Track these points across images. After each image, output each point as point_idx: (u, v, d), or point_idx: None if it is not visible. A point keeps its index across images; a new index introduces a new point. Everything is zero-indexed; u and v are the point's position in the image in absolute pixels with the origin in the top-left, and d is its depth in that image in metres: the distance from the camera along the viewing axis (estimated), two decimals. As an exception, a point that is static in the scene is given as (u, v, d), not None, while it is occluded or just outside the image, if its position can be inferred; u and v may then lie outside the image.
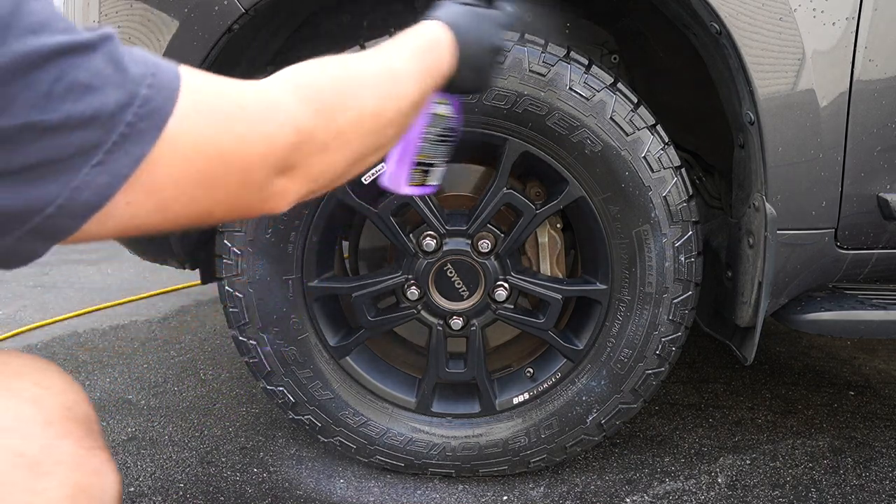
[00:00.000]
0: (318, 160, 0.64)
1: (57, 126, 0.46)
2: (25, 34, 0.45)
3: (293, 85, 0.64)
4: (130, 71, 0.50)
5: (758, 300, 1.28)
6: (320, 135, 0.63)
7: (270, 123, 0.59)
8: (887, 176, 1.24)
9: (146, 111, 0.50)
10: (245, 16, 1.18)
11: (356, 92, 0.69)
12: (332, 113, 0.65)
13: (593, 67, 1.25)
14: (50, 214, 0.48)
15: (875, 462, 1.56)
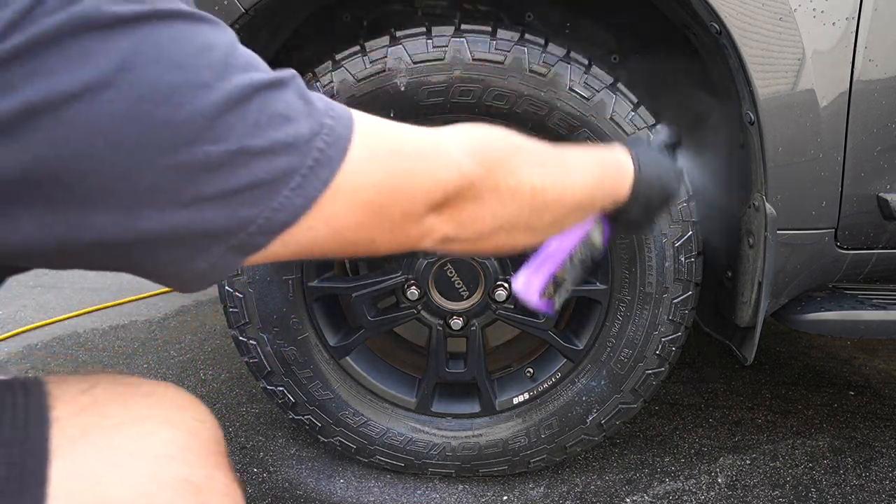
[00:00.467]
0: (471, 207, 0.67)
1: (264, 151, 0.51)
2: (239, 71, 0.50)
3: (465, 135, 0.68)
4: (315, 104, 0.56)
5: (758, 300, 1.28)
6: (479, 185, 0.66)
7: (438, 162, 0.63)
8: (887, 176, 1.24)
9: (332, 139, 0.55)
10: (245, 16, 1.18)
11: (524, 161, 0.71)
12: (496, 169, 0.68)
13: (593, 67, 1.25)
14: (252, 232, 0.53)
15: (875, 462, 1.56)
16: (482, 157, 0.66)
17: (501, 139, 0.71)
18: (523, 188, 0.70)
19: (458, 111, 1.24)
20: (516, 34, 1.24)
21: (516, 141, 0.72)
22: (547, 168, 0.73)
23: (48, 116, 0.44)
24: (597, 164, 0.82)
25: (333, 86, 1.24)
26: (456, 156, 0.65)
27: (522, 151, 0.71)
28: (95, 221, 0.48)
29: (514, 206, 0.70)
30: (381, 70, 1.22)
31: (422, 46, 1.22)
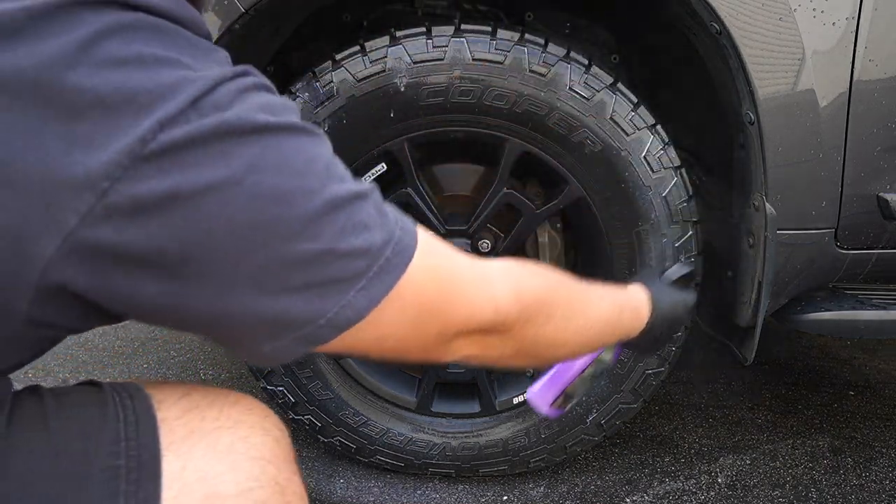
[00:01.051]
0: (497, 339, 0.72)
1: (344, 254, 0.57)
2: (337, 181, 0.57)
3: (510, 273, 0.73)
4: (389, 217, 0.62)
5: (758, 300, 1.28)
6: (510, 324, 0.71)
7: (482, 295, 0.68)
8: (887, 176, 1.24)
9: (399, 249, 0.60)
10: (245, 16, 1.18)
11: (554, 312, 0.77)
12: (528, 314, 0.73)
13: (593, 67, 1.25)
14: (321, 325, 0.58)
15: (875, 462, 1.56)
16: (520, 299, 0.72)
17: (541, 284, 0.77)
18: (547, 335, 0.76)
19: (457, 111, 1.24)
20: (516, 34, 1.24)
21: (553, 286, 0.79)
22: (572, 321, 0.80)
23: (187, 203, 0.50)
24: (617, 311, 0.90)
25: (333, 86, 1.24)
26: (499, 291, 0.70)
27: (558, 301, 0.78)
28: (191, 294, 0.54)
29: (532, 344, 0.76)
30: (381, 70, 1.22)
31: (422, 46, 1.22)
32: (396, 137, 1.26)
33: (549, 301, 0.77)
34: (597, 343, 0.88)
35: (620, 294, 0.94)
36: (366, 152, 1.27)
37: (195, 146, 0.51)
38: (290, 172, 0.55)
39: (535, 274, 0.78)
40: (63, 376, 1.97)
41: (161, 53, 0.52)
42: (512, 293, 0.71)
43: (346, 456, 1.50)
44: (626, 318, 0.92)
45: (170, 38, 0.55)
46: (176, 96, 0.51)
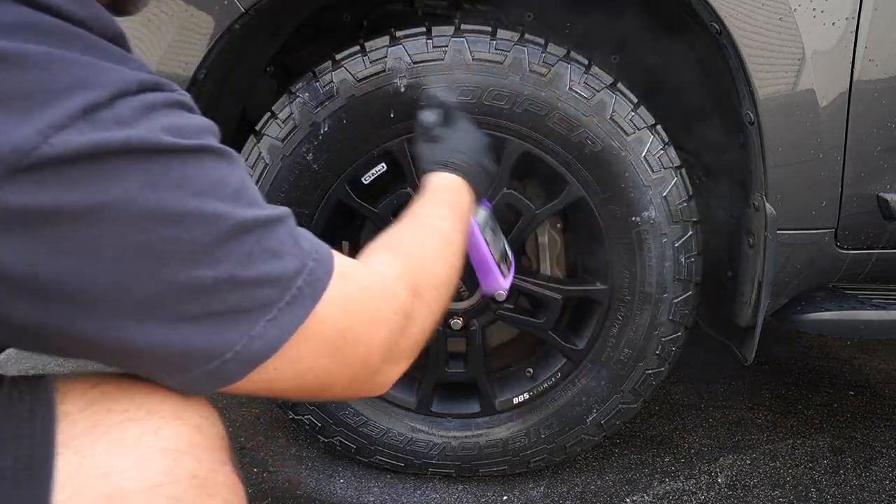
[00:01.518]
0: (412, 336, 0.70)
1: (250, 282, 0.54)
2: (245, 206, 0.55)
3: (395, 270, 0.71)
4: (303, 244, 0.59)
5: (758, 300, 1.28)
6: (415, 314, 0.70)
7: (388, 309, 0.66)
8: (887, 176, 1.24)
9: (311, 279, 0.58)
10: (245, 16, 1.18)
11: (433, 269, 0.76)
12: (423, 293, 0.72)
13: (593, 67, 1.25)
14: (227, 359, 0.55)
15: (875, 462, 1.56)
16: (414, 287, 0.70)
17: (409, 256, 0.75)
18: (440, 289, 0.76)
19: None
20: (516, 34, 1.24)
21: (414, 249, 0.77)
22: (445, 259, 0.79)
23: (69, 222, 0.47)
24: (454, 212, 0.90)
25: (333, 86, 1.24)
26: (398, 294, 0.68)
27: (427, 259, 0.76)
28: (78, 321, 0.50)
29: (439, 305, 0.76)
30: (381, 70, 1.22)
31: (422, 46, 1.22)
32: (396, 137, 1.26)
33: (425, 265, 0.75)
34: (464, 244, 0.89)
35: (440, 196, 0.93)
36: (366, 152, 1.27)
37: (84, 162, 0.47)
38: (190, 193, 0.51)
39: (401, 247, 0.76)
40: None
41: (56, 53, 0.48)
42: (406, 288, 0.69)
43: (346, 456, 1.50)
44: (460, 209, 0.92)
45: (69, 39, 0.50)
46: (66, 101, 0.47)
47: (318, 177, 1.28)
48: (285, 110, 1.26)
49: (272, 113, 1.27)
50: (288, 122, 1.26)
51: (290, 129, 1.26)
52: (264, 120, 1.28)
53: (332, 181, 1.28)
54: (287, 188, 1.28)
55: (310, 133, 1.25)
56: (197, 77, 1.21)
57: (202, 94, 1.27)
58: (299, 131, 1.26)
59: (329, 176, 1.28)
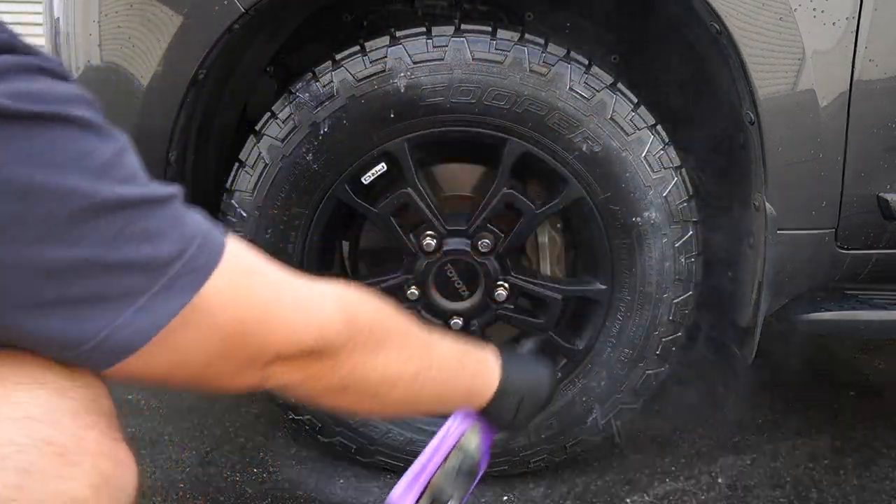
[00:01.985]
0: (320, 369, 0.65)
1: (115, 265, 0.50)
2: (114, 182, 0.50)
3: (341, 296, 0.66)
4: (186, 229, 0.55)
5: (758, 300, 1.28)
6: (338, 348, 0.65)
7: (303, 317, 0.62)
8: (887, 176, 1.24)
9: (194, 265, 0.54)
10: (245, 16, 1.18)
11: (389, 340, 0.71)
12: (360, 338, 0.66)
13: (593, 67, 1.25)
14: (92, 347, 0.51)
15: (875, 462, 1.56)
16: (350, 320, 0.65)
17: (376, 311, 0.70)
18: (378, 367, 0.69)
19: (457, 111, 1.24)
20: (516, 34, 1.24)
21: (390, 318, 0.72)
22: (407, 357, 0.73)
23: None
24: (458, 358, 0.82)
25: (333, 86, 1.24)
26: (326, 312, 0.63)
27: (391, 331, 0.71)
28: None
29: (365, 379, 0.69)
30: (381, 70, 1.22)
31: (422, 46, 1.22)
32: (396, 137, 1.26)
33: (381, 327, 0.70)
34: (438, 393, 0.80)
35: (465, 345, 0.86)
36: (366, 152, 1.27)
37: None
38: (38, 165, 0.46)
39: (372, 300, 0.71)
40: (63, 376, 1.97)
41: None
42: (341, 314, 0.65)
43: (346, 456, 1.50)
44: (469, 371, 0.84)
45: None
46: None
47: (318, 177, 1.28)
48: (285, 110, 1.26)
49: (272, 113, 1.27)
50: (288, 122, 1.26)
51: (290, 129, 1.26)
52: (264, 120, 1.28)
53: (332, 181, 1.28)
54: (287, 188, 1.28)
55: (310, 133, 1.25)
56: (197, 77, 1.21)
57: (202, 94, 1.27)
58: (299, 131, 1.26)
59: (329, 176, 1.28)
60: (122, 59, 1.23)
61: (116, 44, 1.23)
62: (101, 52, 1.25)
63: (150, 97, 1.23)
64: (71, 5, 1.28)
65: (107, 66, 1.25)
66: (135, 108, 1.24)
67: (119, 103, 1.25)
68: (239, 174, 1.30)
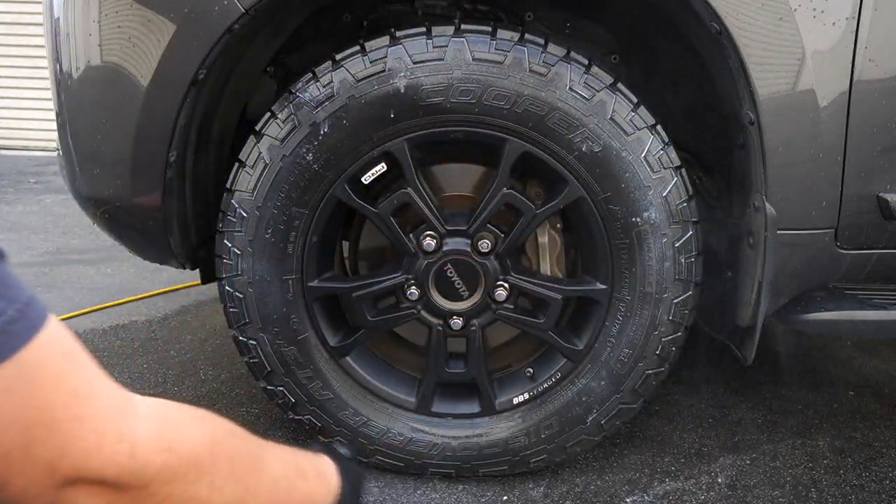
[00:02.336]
0: (125, 497, 0.58)
1: None
2: None
3: (160, 416, 0.60)
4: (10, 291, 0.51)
5: (758, 300, 1.28)
6: (149, 479, 0.58)
7: (112, 431, 0.55)
8: (887, 176, 1.24)
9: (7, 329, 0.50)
10: (245, 16, 1.18)
11: (212, 468, 0.65)
12: (176, 470, 0.60)
13: (593, 67, 1.25)
14: None
15: (875, 462, 1.56)
16: (168, 447, 0.59)
17: (201, 433, 0.64)
18: (199, 498, 0.64)
19: (457, 111, 1.24)
20: (516, 34, 1.24)
21: (216, 439, 0.67)
22: (235, 483, 0.68)
23: None
24: (294, 472, 0.82)
25: (333, 86, 1.24)
26: (139, 432, 0.57)
27: (216, 457, 0.65)
28: None
29: None
30: (381, 70, 1.22)
31: (422, 46, 1.22)
32: (396, 137, 1.26)
33: (206, 455, 0.64)
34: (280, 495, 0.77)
35: (303, 457, 0.85)
36: (366, 152, 1.27)
37: None
38: None
39: (196, 420, 0.65)
40: (63, 376, 1.97)
41: None
42: (156, 438, 0.58)
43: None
44: (308, 483, 0.82)
45: None
46: None
47: (318, 177, 1.28)
48: (285, 110, 1.26)
49: (272, 113, 1.27)
50: (288, 122, 1.26)
51: (290, 129, 1.26)
52: (264, 120, 1.28)
53: (332, 181, 1.28)
54: (287, 188, 1.28)
55: (310, 133, 1.25)
56: (197, 77, 1.21)
57: (202, 94, 1.27)
58: (299, 131, 1.26)
59: (329, 176, 1.28)
60: (122, 59, 1.23)
61: (116, 44, 1.23)
62: (101, 52, 1.25)
63: (150, 97, 1.23)
64: (71, 5, 1.28)
65: (107, 66, 1.25)
66: (135, 108, 1.24)
67: (119, 103, 1.25)
68: (239, 174, 1.30)
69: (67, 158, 1.37)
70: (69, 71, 1.29)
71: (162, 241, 1.39)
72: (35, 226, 3.72)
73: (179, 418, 0.63)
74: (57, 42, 1.33)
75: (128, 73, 1.23)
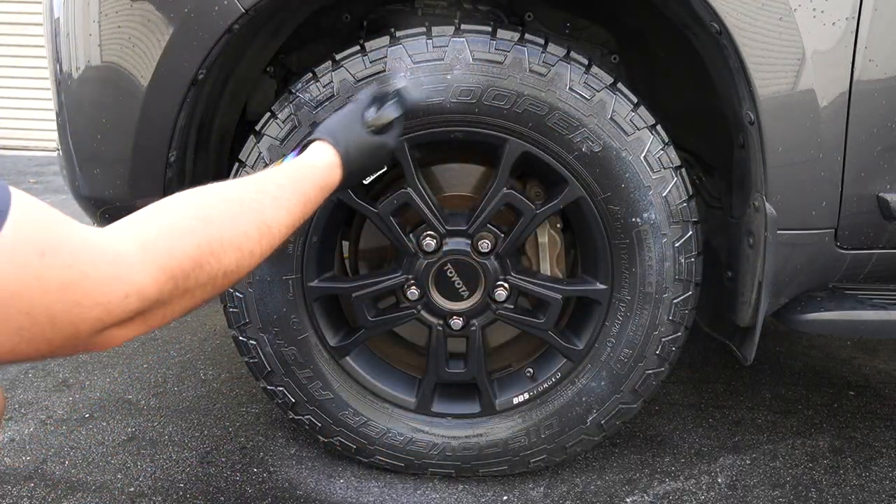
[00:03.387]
0: (161, 314, 0.61)
1: None
2: None
3: (148, 243, 0.60)
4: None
5: (758, 300, 1.28)
6: (168, 298, 0.60)
7: (111, 286, 0.55)
8: (887, 176, 1.24)
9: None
10: (245, 16, 1.18)
11: (218, 249, 0.65)
12: (186, 279, 0.61)
13: (593, 67, 1.25)
14: None
15: (875, 462, 1.56)
16: (168, 269, 0.59)
17: (192, 238, 0.64)
18: (217, 280, 0.65)
19: (457, 111, 1.24)
20: (516, 34, 1.24)
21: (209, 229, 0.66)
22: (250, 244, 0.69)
23: None
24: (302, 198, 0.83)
25: (333, 86, 1.24)
26: (136, 273, 0.57)
27: (217, 247, 0.65)
28: None
29: (213, 288, 0.65)
30: (381, 70, 1.22)
31: (422, 46, 1.22)
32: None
33: (206, 254, 0.64)
34: (291, 222, 0.80)
35: (303, 170, 0.87)
36: (366, 152, 1.27)
37: None
38: None
39: (182, 223, 0.64)
40: (63, 376, 1.97)
41: None
42: (154, 269, 0.59)
43: (346, 456, 1.50)
44: (314, 196, 0.85)
45: None
46: None
47: (318, 177, 1.27)
48: (285, 110, 1.26)
49: (272, 113, 1.27)
50: (288, 122, 1.26)
51: (290, 129, 1.26)
52: (264, 120, 1.28)
53: (332, 181, 1.28)
54: (287, 188, 1.28)
55: (310, 133, 1.25)
56: (197, 77, 1.21)
57: (202, 94, 1.27)
58: (299, 131, 1.26)
59: (329, 176, 1.28)
60: (122, 59, 1.23)
61: (116, 44, 1.23)
62: (101, 52, 1.25)
63: (150, 97, 1.23)
64: (71, 5, 1.28)
65: (107, 66, 1.25)
66: (135, 109, 1.24)
67: (119, 103, 1.25)
68: (239, 174, 1.30)
69: (67, 158, 1.37)
70: (69, 71, 1.29)
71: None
72: (35, 226, 3.72)
73: (166, 234, 0.62)
74: (57, 42, 1.33)
75: (128, 73, 1.23)
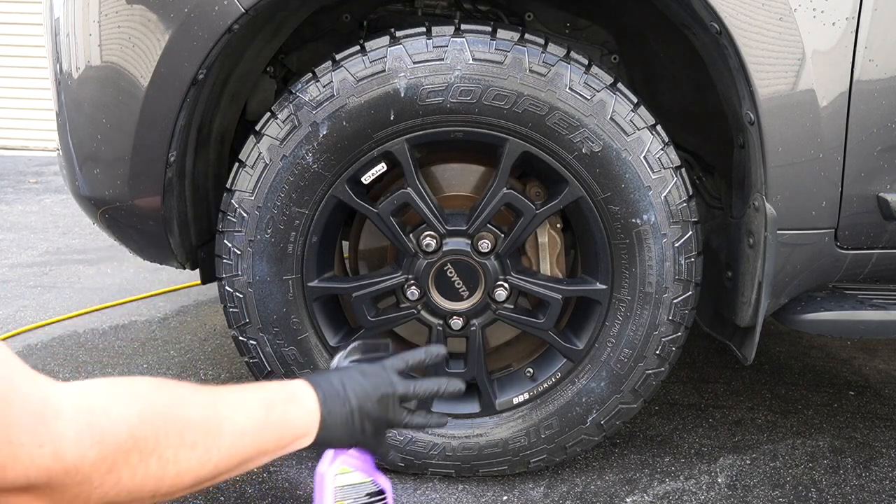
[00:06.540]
0: (70, 495, 0.56)
1: None
2: None
3: (85, 407, 0.57)
4: None
5: (758, 300, 1.28)
6: (87, 474, 0.56)
7: (30, 439, 0.53)
8: (887, 176, 1.24)
9: None
10: (245, 16, 1.18)
11: (158, 444, 0.61)
12: (115, 458, 0.57)
13: (593, 67, 1.25)
14: None
15: (875, 462, 1.56)
16: (100, 439, 0.56)
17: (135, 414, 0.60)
18: (153, 474, 0.61)
19: (457, 111, 1.24)
20: (516, 34, 1.24)
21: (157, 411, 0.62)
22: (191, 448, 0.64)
23: None
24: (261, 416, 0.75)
25: (333, 86, 1.24)
26: (63, 433, 0.54)
27: (160, 432, 0.61)
28: None
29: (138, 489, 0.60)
30: (381, 70, 1.22)
31: (422, 46, 1.22)
32: (396, 137, 1.26)
33: (146, 435, 0.60)
34: (244, 457, 0.72)
35: (268, 388, 0.80)
36: (366, 152, 1.27)
37: None
38: None
39: (132, 400, 0.61)
40: (63, 376, 1.97)
41: None
42: (85, 433, 0.56)
43: (346, 456, 1.50)
44: (279, 411, 0.77)
45: None
46: None
47: (317, 177, 1.28)
48: (285, 110, 1.26)
49: (272, 113, 1.27)
50: (288, 122, 1.26)
51: (289, 129, 1.26)
52: (264, 120, 1.28)
53: (331, 181, 1.28)
54: (287, 188, 1.28)
55: (310, 133, 1.25)
56: (197, 77, 1.21)
57: (202, 94, 1.27)
58: (299, 131, 1.26)
59: (329, 176, 1.28)
60: (122, 59, 1.23)
61: (116, 44, 1.23)
62: (101, 52, 1.25)
63: (150, 97, 1.23)
64: (71, 5, 1.28)
65: (107, 66, 1.25)
66: (135, 108, 1.24)
67: (119, 103, 1.25)
68: (239, 174, 1.30)
69: (67, 158, 1.37)
70: (69, 71, 1.29)
71: (162, 242, 1.39)
72: (35, 226, 3.72)
73: (109, 405, 0.59)
74: (57, 42, 1.33)
75: (128, 73, 1.23)
